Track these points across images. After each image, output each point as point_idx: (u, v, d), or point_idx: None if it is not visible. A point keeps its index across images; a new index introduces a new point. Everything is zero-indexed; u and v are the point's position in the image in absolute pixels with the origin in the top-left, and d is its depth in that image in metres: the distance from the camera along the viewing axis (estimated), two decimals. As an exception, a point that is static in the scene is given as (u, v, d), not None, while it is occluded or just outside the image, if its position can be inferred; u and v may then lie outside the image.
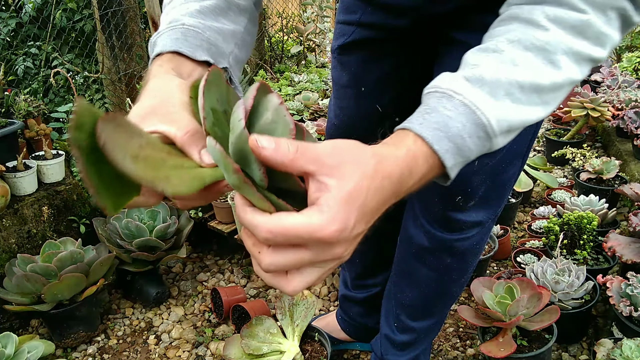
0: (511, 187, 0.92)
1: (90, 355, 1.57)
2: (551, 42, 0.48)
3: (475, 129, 0.46)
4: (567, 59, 0.49)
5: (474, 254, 1.00)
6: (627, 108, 2.41)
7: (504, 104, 0.47)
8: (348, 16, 0.89)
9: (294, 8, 4.90)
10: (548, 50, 0.48)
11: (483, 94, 0.47)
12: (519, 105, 0.48)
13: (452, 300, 1.10)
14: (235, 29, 0.65)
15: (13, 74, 3.04)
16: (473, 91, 0.47)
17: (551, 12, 0.49)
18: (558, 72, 0.49)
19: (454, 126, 0.45)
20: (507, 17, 0.52)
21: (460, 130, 0.45)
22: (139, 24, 3.13)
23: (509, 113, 0.48)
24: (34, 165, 1.78)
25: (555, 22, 0.49)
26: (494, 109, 0.46)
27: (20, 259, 1.49)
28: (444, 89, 0.47)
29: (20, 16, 3.17)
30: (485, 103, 0.46)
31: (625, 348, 1.10)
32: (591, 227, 1.52)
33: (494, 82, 0.47)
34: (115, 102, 3.02)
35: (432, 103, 0.47)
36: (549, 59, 0.49)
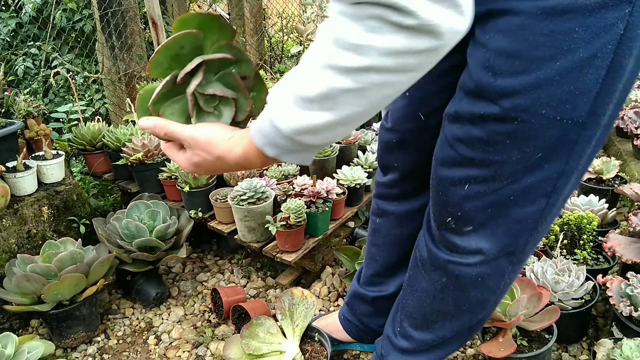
0: (530, 227, 0.83)
1: (90, 355, 1.57)
2: (311, 56, 0.58)
3: (272, 128, 0.61)
4: (322, 70, 0.56)
5: (474, 285, 0.92)
6: (627, 108, 2.41)
7: (291, 111, 0.59)
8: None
9: (294, 8, 4.90)
10: (311, 64, 0.58)
11: (275, 107, 0.61)
12: (303, 109, 0.58)
13: (453, 322, 1.02)
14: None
15: (13, 74, 3.04)
16: (271, 107, 0.62)
17: (330, 27, 0.56)
18: (323, 80, 0.56)
19: (263, 128, 0.63)
20: (320, 26, 0.61)
21: (266, 129, 0.62)
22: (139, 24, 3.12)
23: (296, 117, 0.59)
24: (34, 165, 1.78)
25: (325, 32, 0.57)
26: (281, 116, 0.60)
27: (20, 259, 1.49)
28: (266, 113, 0.63)
29: (20, 16, 3.17)
30: (276, 114, 0.61)
31: (625, 348, 1.10)
32: (591, 227, 1.52)
33: (281, 95, 0.61)
34: (115, 102, 3.01)
35: (261, 117, 0.64)
36: (312, 71, 0.58)
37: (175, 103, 0.69)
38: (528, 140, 0.72)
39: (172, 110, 0.68)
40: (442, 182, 0.85)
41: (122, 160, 2.04)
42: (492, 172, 0.78)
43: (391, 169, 1.10)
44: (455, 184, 0.83)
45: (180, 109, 0.69)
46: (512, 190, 0.78)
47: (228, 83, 0.69)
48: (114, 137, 2.13)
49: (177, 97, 0.68)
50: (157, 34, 2.77)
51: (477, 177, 0.80)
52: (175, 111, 0.68)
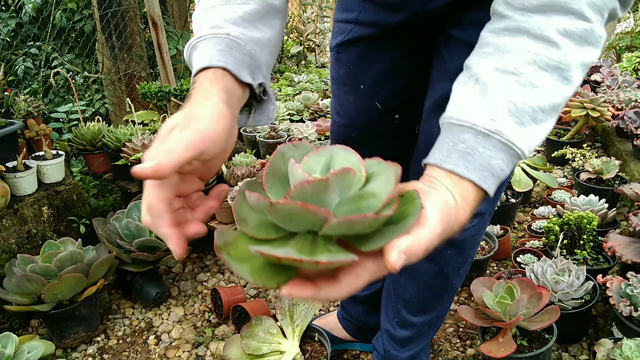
0: (507, 181, 0.94)
1: (90, 355, 1.57)
2: (563, 60, 0.51)
3: (511, 159, 0.51)
4: (577, 72, 0.52)
5: (472, 245, 1.01)
6: (627, 108, 2.41)
7: (530, 129, 0.51)
8: (346, 14, 0.91)
9: (294, 8, 4.90)
10: (562, 69, 0.51)
11: (514, 125, 0.51)
12: (542, 124, 0.52)
13: (451, 293, 1.10)
14: (270, 35, 0.67)
15: (13, 74, 3.04)
16: (505, 125, 0.50)
17: (561, 26, 0.51)
18: (570, 87, 0.53)
19: (496, 164, 0.50)
20: (514, 28, 0.53)
21: (501, 165, 0.51)
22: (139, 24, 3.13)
23: (535, 136, 0.52)
24: (34, 165, 1.78)
25: (565, 35, 0.51)
26: (524, 139, 0.51)
27: (20, 259, 1.49)
28: (479, 128, 0.50)
29: (20, 16, 3.17)
30: (517, 136, 0.51)
31: (625, 348, 1.10)
32: (591, 227, 1.52)
33: (520, 111, 0.51)
34: (115, 102, 3.02)
35: (469, 141, 0.51)
36: (563, 76, 0.52)
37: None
38: None
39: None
40: None
41: (122, 160, 2.04)
42: None
43: None
44: None
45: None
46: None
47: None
48: (114, 137, 2.13)
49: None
50: (157, 34, 2.77)
51: None
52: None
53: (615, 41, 3.78)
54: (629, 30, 3.82)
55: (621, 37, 3.79)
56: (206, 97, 0.54)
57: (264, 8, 0.66)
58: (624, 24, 4.78)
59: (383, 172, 0.45)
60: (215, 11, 0.63)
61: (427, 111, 0.89)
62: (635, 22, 4.09)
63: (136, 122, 2.29)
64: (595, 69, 3.11)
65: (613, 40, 3.81)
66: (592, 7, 0.51)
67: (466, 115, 0.52)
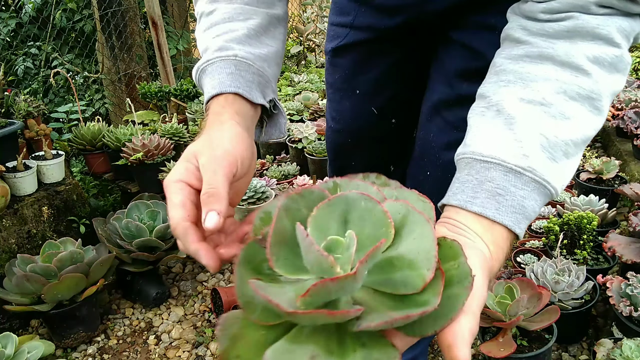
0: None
1: (90, 355, 1.57)
2: (595, 90, 0.47)
3: (544, 199, 0.46)
4: (607, 101, 0.49)
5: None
6: (627, 108, 2.41)
7: (562, 164, 0.47)
8: (341, 18, 0.88)
9: (294, 8, 4.90)
10: (593, 98, 0.47)
11: (547, 162, 0.46)
12: (572, 158, 0.48)
13: None
14: (276, 48, 0.67)
15: (13, 74, 3.04)
16: (538, 161, 0.45)
17: (590, 53, 0.47)
18: (601, 118, 0.49)
19: (529, 205, 0.45)
20: (536, 55, 0.49)
21: (534, 207, 0.45)
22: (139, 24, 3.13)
23: (567, 172, 0.48)
24: (34, 165, 1.78)
25: (595, 63, 0.47)
26: (557, 176, 0.46)
27: (20, 259, 1.49)
28: (510, 165, 0.45)
29: (20, 16, 3.17)
30: (551, 174, 0.46)
31: (625, 348, 1.10)
32: (591, 227, 1.52)
33: (552, 145, 0.46)
34: (115, 102, 3.02)
35: (498, 180, 0.45)
36: (594, 106, 0.48)
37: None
38: None
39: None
40: (450, 167, 0.86)
41: (122, 160, 2.04)
42: None
43: (349, 169, 1.09)
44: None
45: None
46: None
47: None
48: (114, 137, 2.13)
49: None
50: (157, 34, 2.77)
51: None
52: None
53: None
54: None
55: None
56: (221, 122, 0.54)
57: (267, 20, 0.66)
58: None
59: (416, 222, 0.35)
60: (219, 29, 0.63)
61: (424, 115, 0.87)
62: (635, 22, 4.09)
63: (136, 122, 2.29)
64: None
65: (613, 40, 3.80)
66: (621, 33, 0.47)
67: (492, 150, 0.46)
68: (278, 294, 0.33)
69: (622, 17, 0.48)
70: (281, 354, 0.32)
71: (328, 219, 0.36)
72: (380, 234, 0.34)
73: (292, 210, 0.36)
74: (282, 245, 0.35)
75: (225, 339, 0.35)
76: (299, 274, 0.35)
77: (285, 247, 0.35)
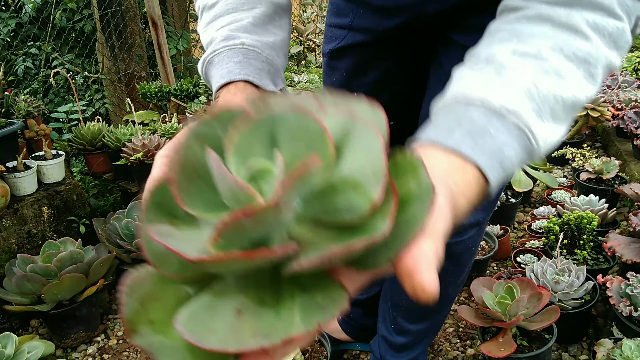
0: (504, 186, 0.94)
1: (90, 355, 1.57)
2: (593, 53, 0.44)
3: (524, 153, 0.41)
4: (602, 72, 0.46)
5: (469, 256, 1.01)
6: (627, 108, 2.41)
7: (548, 125, 0.42)
8: (339, 19, 0.87)
9: (294, 8, 4.90)
10: (590, 63, 0.44)
11: (532, 112, 0.41)
12: (558, 123, 0.44)
13: (448, 302, 1.10)
14: (282, 37, 0.65)
15: (13, 74, 3.04)
16: (524, 109, 0.41)
17: (591, 19, 0.44)
18: (594, 87, 0.46)
19: (508, 154, 0.40)
20: (534, 16, 0.46)
21: (512, 157, 0.40)
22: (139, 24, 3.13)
23: (552, 135, 0.43)
24: (34, 165, 1.78)
25: (595, 30, 0.44)
26: (541, 131, 0.42)
27: (20, 259, 1.49)
28: (493, 107, 0.40)
29: (20, 16, 3.17)
30: (536, 126, 0.41)
31: (625, 348, 1.10)
32: (591, 227, 1.52)
33: (541, 97, 0.42)
34: (115, 102, 3.02)
35: (479, 120, 0.40)
36: (590, 72, 0.45)
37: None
38: None
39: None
40: None
41: (122, 160, 2.04)
42: None
43: None
44: None
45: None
46: None
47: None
48: (114, 137, 2.13)
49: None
50: (157, 34, 2.77)
51: None
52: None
53: None
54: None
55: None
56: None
57: (272, 9, 0.64)
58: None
59: (362, 135, 0.28)
60: (223, 21, 0.61)
61: (424, 118, 0.87)
62: (635, 22, 4.09)
63: (136, 122, 2.29)
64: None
65: (613, 40, 3.80)
66: (622, 7, 0.45)
67: (476, 91, 0.42)
68: (186, 240, 0.27)
69: None
70: (199, 313, 0.26)
71: (251, 143, 0.29)
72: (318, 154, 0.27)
73: (206, 136, 0.29)
74: (195, 179, 0.29)
75: (134, 301, 0.28)
76: (219, 212, 0.28)
77: (198, 182, 0.29)
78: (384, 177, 0.26)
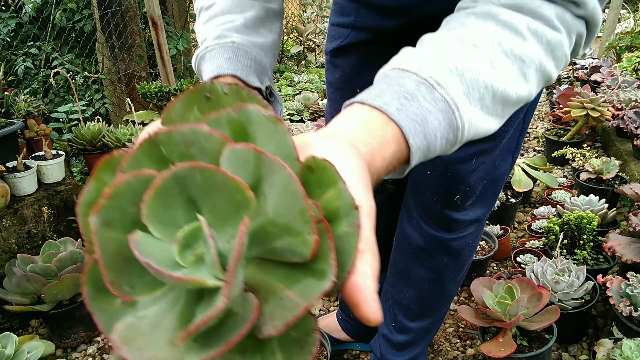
0: (504, 183, 0.95)
1: (90, 355, 1.57)
2: (528, 54, 0.46)
3: (447, 130, 0.42)
4: (535, 75, 0.47)
5: (469, 252, 1.01)
6: (627, 108, 2.41)
7: (475, 109, 0.43)
8: (342, 18, 0.88)
9: (294, 8, 4.90)
10: (524, 62, 0.46)
11: (461, 93, 0.42)
12: (485, 113, 0.45)
13: (448, 299, 1.11)
14: (272, 39, 0.69)
15: (13, 74, 3.04)
16: (454, 86, 0.42)
17: (532, 24, 0.47)
18: (526, 86, 0.47)
19: (432, 123, 0.40)
20: (482, 13, 0.48)
21: (435, 128, 0.41)
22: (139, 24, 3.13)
23: (478, 121, 0.44)
24: (34, 165, 1.78)
25: (535, 34, 0.47)
26: (467, 111, 0.42)
27: (20, 259, 1.49)
28: (424, 76, 0.42)
29: (20, 16, 3.17)
30: (463, 104, 0.42)
31: (625, 348, 1.10)
32: (591, 227, 1.52)
33: (472, 80, 0.43)
34: (115, 102, 3.02)
35: (409, 87, 0.41)
36: (523, 71, 0.46)
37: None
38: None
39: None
40: (450, 165, 0.87)
41: (122, 160, 2.04)
42: (496, 142, 0.83)
43: None
44: (465, 161, 0.85)
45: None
46: (498, 153, 0.86)
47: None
48: (114, 137, 2.13)
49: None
50: (157, 34, 2.77)
51: (485, 150, 0.84)
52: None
53: (615, 41, 3.78)
54: (628, 30, 3.82)
55: (621, 37, 3.79)
56: None
57: (264, 13, 0.68)
58: (624, 24, 4.78)
59: (272, 171, 0.27)
60: (217, 21, 0.66)
61: None
62: (635, 22, 4.09)
63: (136, 122, 2.29)
64: (595, 69, 3.11)
65: (613, 40, 3.81)
66: (561, 21, 0.48)
67: (412, 63, 0.43)
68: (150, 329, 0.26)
69: (564, 9, 0.48)
70: None
71: (169, 209, 0.27)
72: (238, 204, 0.26)
73: (115, 219, 0.26)
74: (126, 264, 0.26)
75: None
76: (157, 291, 0.27)
77: (132, 265, 0.26)
78: (312, 220, 0.26)
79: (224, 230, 0.27)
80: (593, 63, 3.30)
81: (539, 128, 3.16)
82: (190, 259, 0.26)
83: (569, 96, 2.54)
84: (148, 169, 0.27)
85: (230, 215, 0.27)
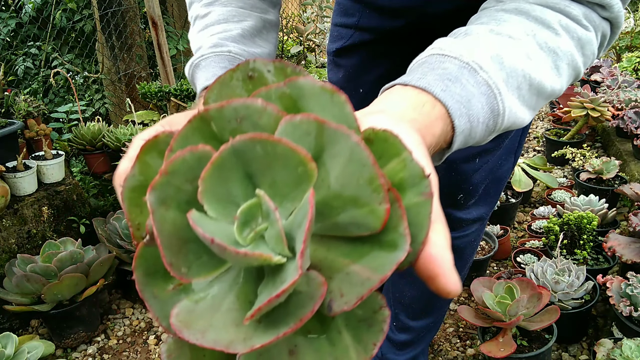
0: (506, 182, 0.96)
1: (90, 355, 1.57)
2: (561, 48, 0.46)
3: (489, 115, 0.41)
4: (567, 70, 0.48)
5: (471, 251, 1.02)
6: (627, 108, 2.41)
7: (513, 98, 0.43)
8: (345, 19, 0.88)
9: (293, 8, 4.90)
10: (558, 55, 0.46)
11: (501, 78, 0.42)
12: (521, 104, 0.44)
13: (449, 298, 1.11)
14: (269, 50, 0.69)
15: (13, 74, 3.04)
16: (495, 71, 0.41)
17: (563, 20, 0.47)
18: (558, 80, 0.47)
19: (475, 105, 0.39)
20: (512, 9, 0.48)
21: (479, 112, 0.40)
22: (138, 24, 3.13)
23: (516, 108, 0.43)
24: (34, 165, 1.78)
25: (566, 30, 0.47)
26: (508, 97, 0.42)
27: (20, 259, 1.49)
28: (467, 60, 0.41)
29: (20, 16, 3.17)
30: (504, 89, 0.41)
31: (625, 348, 1.10)
32: (591, 227, 1.52)
33: (511, 69, 0.42)
34: (115, 102, 3.02)
35: (451, 70, 0.40)
36: (556, 64, 0.46)
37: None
38: None
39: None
40: (453, 164, 0.88)
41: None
42: (499, 141, 0.83)
43: None
44: (469, 160, 0.86)
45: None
46: (501, 153, 0.86)
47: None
48: (114, 137, 2.13)
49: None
50: (157, 34, 2.77)
51: (489, 149, 0.85)
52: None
53: (615, 41, 3.79)
54: (628, 30, 3.82)
55: (621, 37, 3.79)
56: None
57: (261, 24, 0.68)
58: (624, 23, 4.77)
59: (337, 140, 0.25)
60: (213, 30, 0.65)
61: None
62: (635, 22, 4.09)
63: (136, 122, 2.29)
64: (595, 69, 3.11)
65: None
66: (588, 20, 0.48)
67: (452, 48, 0.42)
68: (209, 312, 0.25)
69: (590, 10, 0.49)
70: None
71: (226, 186, 0.26)
72: (299, 178, 0.25)
73: (170, 197, 0.25)
74: (182, 245, 0.25)
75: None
76: (213, 272, 0.26)
77: (188, 245, 0.26)
78: (384, 189, 0.24)
79: (283, 205, 0.26)
80: (593, 63, 3.30)
81: (539, 128, 3.16)
82: (249, 236, 0.25)
83: (569, 96, 2.54)
84: (203, 145, 0.25)
85: (290, 189, 0.25)
